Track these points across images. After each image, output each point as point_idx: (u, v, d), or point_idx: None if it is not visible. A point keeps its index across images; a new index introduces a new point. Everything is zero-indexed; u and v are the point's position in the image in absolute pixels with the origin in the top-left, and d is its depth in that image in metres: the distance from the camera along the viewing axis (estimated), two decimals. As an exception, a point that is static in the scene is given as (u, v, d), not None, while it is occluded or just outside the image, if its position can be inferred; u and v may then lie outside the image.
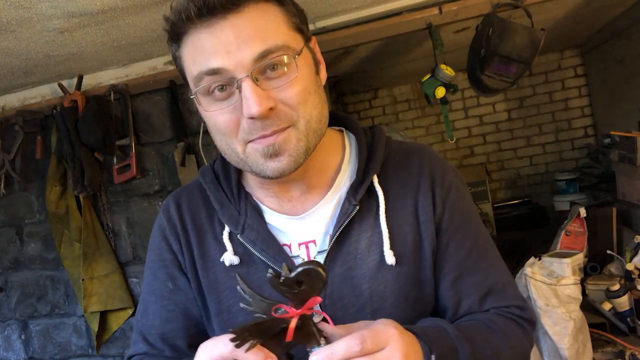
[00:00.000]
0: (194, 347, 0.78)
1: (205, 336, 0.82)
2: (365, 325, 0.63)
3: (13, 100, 2.20)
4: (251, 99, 0.66)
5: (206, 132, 2.00)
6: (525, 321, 0.80)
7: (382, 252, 0.77)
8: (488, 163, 3.92)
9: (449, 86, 1.81)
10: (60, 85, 2.03)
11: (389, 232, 0.77)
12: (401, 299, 0.77)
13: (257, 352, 0.58)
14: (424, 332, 0.67)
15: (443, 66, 1.79)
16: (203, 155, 2.01)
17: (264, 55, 0.67)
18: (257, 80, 0.67)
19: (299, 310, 0.59)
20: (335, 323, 0.75)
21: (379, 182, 0.80)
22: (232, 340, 0.57)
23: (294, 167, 0.71)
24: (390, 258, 0.76)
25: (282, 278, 0.56)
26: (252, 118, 0.67)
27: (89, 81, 2.08)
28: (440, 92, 1.80)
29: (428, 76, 1.83)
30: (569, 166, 3.71)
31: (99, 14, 1.43)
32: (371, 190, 0.79)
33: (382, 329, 0.61)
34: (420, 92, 3.86)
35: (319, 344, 0.60)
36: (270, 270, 0.56)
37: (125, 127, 2.05)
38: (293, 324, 0.59)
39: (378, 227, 0.78)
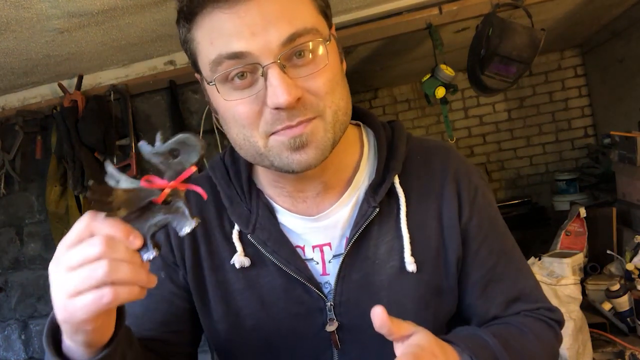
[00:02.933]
0: (162, 342, 0.75)
1: (185, 336, 0.79)
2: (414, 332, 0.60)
3: (13, 100, 2.20)
4: (279, 88, 0.59)
5: (206, 132, 2.00)
6: (554, 322, 0.78)
7: (402, 258, 0.72)
8: (488, 163, 3.92)
9: (449, 86, 1.81)
10: (60, 85, 2.03)
11: (410, 238, 0.72)
12: (421, 308, 0.73)
13: (119, 225, 0.50)
14: (465, 344, 0.64)
15: (443, 66, 1.79)
16: (203, 155, 2.00)
17: (292, 38, 0.61)
18: (284, 67, 0.61)
19: (172, 183, 0.52)
20: (352, 331, 0.72)
21: (400, 183, 0.74)
22: (91, 194, 0.49)
23: (321, 159, 0.65)
24: (411, 265, 0.71)
25: (156, 147, 0.51)
26: (277, 109, 0.61)
27: (89, 81, 2.08)
28: (440, 92, 1.80)
29: (428, 76, 1.83)
30: (569, 166, 3.72)
31: (99, 14, 1.43)
32: (391, 192, 0.74)
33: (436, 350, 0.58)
34: (420, 92, 3.86)
35: (191, 224, 0.53)
36: (142, 141, 0.52)
37: (125, 127, 2.05)
38: (166, 191, 0.52)
39: (399, 232, 0.73)
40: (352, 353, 0.72)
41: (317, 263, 0.74)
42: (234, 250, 0.74)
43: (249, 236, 0.73)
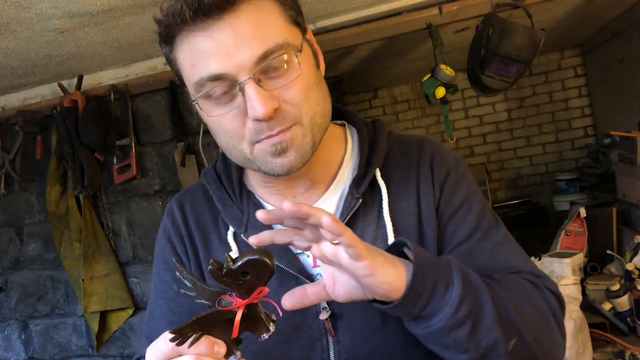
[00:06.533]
0: None
1: None
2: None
3: (13, 100, 2.20)
4: (256, 101, 0.64)
5: (206, 132, 2.00)
6: (543, 286, 0.73)
7: (386, 245, 0.75)
8: (488, 163, 3.93)
9: (449, 86, 1.81)
10: (60, 85, 2.03)
11: (393, 225, 0.76)
12: None
13: (202, 341, 0.55)
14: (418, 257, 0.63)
15: (443, 66, 1.79)
16: (203, 155, 2.01)
17: (264, 56, 0.65)
18: (259, 81, 0.66)
19: (244, 301, 0.55)
20: (344, 319, 0.75)
21: (382, 175, 0.79)
22: (172, 340, 0.53)
23: (302, 162, 0.71)
24: None
25: (225, 269, 0.53)
26: (257, 120, 0.66)
27: (89, 81, 2.08)
28: (440, 92, 1.80)
29: (428, 76, 1.83)
30: (569, 166, 3.72)
31: (99, 14, 1.43)
32: (374, 184, 0.79)
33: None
34: (420, 92, 3.86)
35: (268, 330, 0.58)
36: (211, 261, 0.53)
37: (125, 127, 2.05)
38: (239, 316, 0.55)
39: (382, 221, 0.77)
40: (345, 340, 0.75)
41: (308, 256, 0.78)
42: (229, 251, 0.79)
43: (242, 236, 0.78)
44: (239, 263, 0.52)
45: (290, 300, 0.65)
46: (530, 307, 0.69)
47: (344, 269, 0.60)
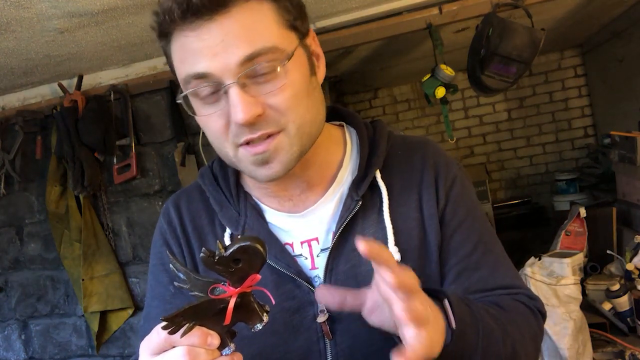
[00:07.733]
0: None
1: None
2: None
3: (13, 100, 2.20)
4: (237, 106, 0.64)
5: (206, 132, 2.00)
6: (535, 309, 0.78)
7: (386, 248, 0.75)
8: (488, 163, 3.92)
9: (449, 86, 1.81)
10: (60, 85, 2.03)
11: (393, 228, 0.75)
12: None
13: (195, 332, 0.54)
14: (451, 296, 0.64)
15: (443, 66, 1.79)
16: (203, 155, 2.01)
17: (250, 58, 0.64)
18: (245, 86, 0.65)
19: (237, 289, 0.55)
20: (342, 322, 0.74)
21: (382, 177, 0.78)
22: (164, 328, 0.53)
23: (284, 172, 0.70)
24: (395, 254, 0.74)
25: (217, 257, 0.53)
26: (238, 124, 0.66)
27: (89, 81, 2.08)
28: (440, 92, 1.80)
29: (428, 76, 1.83)
30: (569, 166, 3.71)
31: (99, 14, 1.43)
32: (374, 186, 0.78)
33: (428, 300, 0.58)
34: (420, 92, 3.86)
35: (261, 320, 0.57)
36: (203, 249, 0.53)
37: (125, 127, 2.05)
38: (232, 304, 0.55)
39: (382, 223, 0.76)
40: (343, 344, 0.74)
41: (306, 258, 0.77)
42: None
43: (239, 237, 0.76)
44: (231, 250, 0.52)
45: (326, 299, 0.64)
46: (530, 341, 0.73)
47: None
